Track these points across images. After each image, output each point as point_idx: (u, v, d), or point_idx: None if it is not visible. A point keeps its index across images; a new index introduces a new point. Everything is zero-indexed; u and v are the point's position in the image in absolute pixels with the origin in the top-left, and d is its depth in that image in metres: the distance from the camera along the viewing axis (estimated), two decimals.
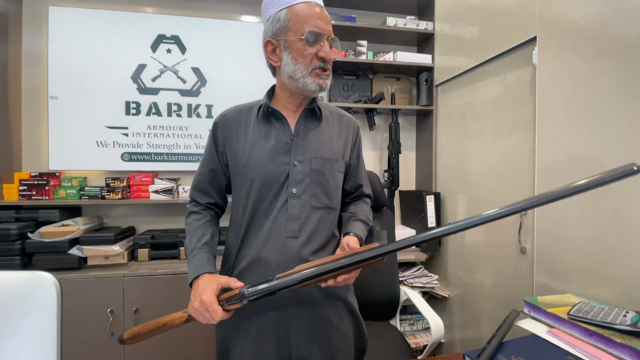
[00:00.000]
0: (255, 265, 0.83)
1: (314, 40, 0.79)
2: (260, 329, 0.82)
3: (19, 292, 0.25)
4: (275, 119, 0.86)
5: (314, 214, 0.84)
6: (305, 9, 0.79)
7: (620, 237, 0.97)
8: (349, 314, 0.91)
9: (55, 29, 1.86)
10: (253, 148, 0.84)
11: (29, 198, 1.78)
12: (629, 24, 0.94)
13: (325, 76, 0.82)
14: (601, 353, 0.77)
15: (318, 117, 0.88)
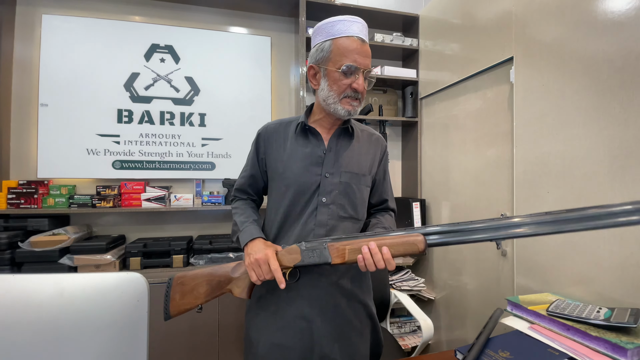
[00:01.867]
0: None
1: (350, 73, 0.85)
2: (286, 323, 0.88)
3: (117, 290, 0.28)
4: (311, 135, 0.93)
5: (340, 222, 0.90)
6: (347, 43, 0.85)
7: (591, 239, 1.05)
8: (367, 317, 0.96)
9: (48, 37, 1.84)
10: (290, 159, 0.92)
11: (17, 207, 1.72)
12: (596, 47, 1.04)
13: (356, 104, 0.89)
14: (578, 345, 0.83)
15: (350, 135, 0.95)
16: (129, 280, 0.30)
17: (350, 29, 0.86)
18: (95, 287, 0.30)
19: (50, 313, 0.27)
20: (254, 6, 2.09)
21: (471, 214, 1.67)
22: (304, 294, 0.89)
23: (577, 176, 1.09)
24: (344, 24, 0.87)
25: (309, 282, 0.89)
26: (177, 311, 0.87)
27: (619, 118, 0.97)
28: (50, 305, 0.27)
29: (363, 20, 0.90)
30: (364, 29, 0.89)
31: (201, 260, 1.82)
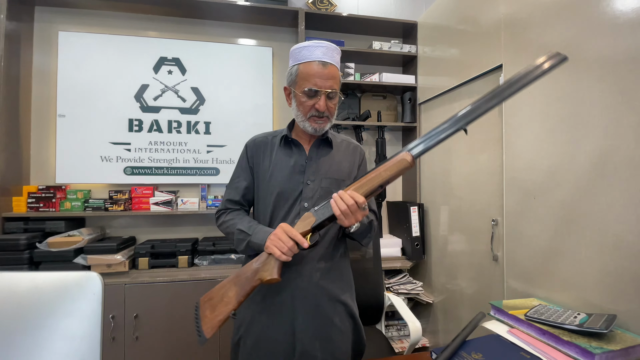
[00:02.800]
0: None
1: (312, 95, 0.92)
2: (270, 321, 0.93)
3: (76, 285, 0.34)
4: (294, 146, 1.01)
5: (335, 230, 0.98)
6: (309, 67, 0.92)
7: (573, 245, 1.05)
8: (348, 317, 1.00)
9: (64, 52, 1.96)
10: (275, 168, 0.99)
11: (37, 210, 1.85)
12: (580, 55, 1.05)
13: (321, 121, 0.95)
14: (551, 350, 0.85)
15: (329, 145, 1.03)
16: (85, 276, 0.36)
17: (313, 54, 0.92)
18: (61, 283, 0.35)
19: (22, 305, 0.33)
20: (256, 18, 2.16)
21: (467, 219, 1.68)
22: (286, 293, 0.94)
23: (561, 182, 1.10)
24: (308, 49, 0.93)
25: (291, 282, 0.94)
26: (211, 327, 0.82)
27: (599, 126, 0.98)
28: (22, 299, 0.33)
29: (330, 44, 0.95)
30: (328, 51, 0.93)
31: (205, 261, 1.90)
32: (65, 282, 0.33)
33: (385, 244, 2.14)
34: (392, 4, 2.42)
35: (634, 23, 0.90)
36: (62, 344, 0.32)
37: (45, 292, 0.33)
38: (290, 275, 0.94)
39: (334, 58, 0.95)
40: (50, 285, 0.33)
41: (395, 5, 2.43)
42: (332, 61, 0.94)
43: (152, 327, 1.68)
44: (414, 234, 2.05)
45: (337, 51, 0.97)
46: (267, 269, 0.86)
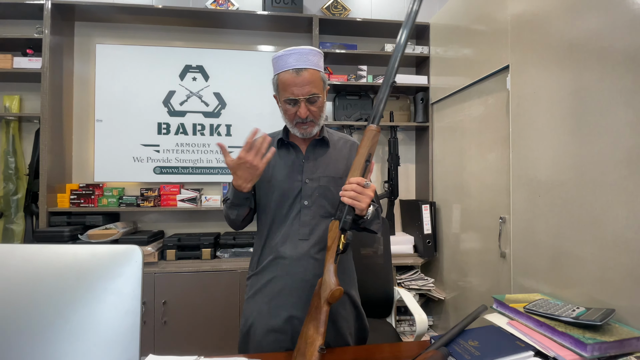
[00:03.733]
0: (275, 261, 1.00)
1: (292, 104, 0.95)
2: (276, 312, 0.98)
3: (124, 254, 0.43)
4: (291, 147, 1.04)
5: (321, 221, 1.00)
6: (285, 77, 0.94)
7: (577, 242, 1.06)
8: (351, 305, 1.05)
9: (101, 62, 2.14)
10: (275, 169, 1.02)
11: (78, 205, 2.03)
12: (583, 56, 1.06)
13: (307, 126, 0.97)
14: (546, 340, 0.87)
15: (326, 144, 1.05)
16: (129, 247, 0.44)
17: (287, 63, 0.93)
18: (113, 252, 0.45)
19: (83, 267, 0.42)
20: (273, 26, 2.26)
21: (477, 217, 1.70)
22: (293, 288, 0.98)
23: (564, 181, 1.11)
24: (282, 58, 0.94)
25: (297, 278, 0.98)
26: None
27: (602, 125, 0.99)
28: (83, 263, 0.42)
29: (303, 48, 0.95)
30: (302, 57, 0.93)
31: (226, 253, 2.01)
32: (117, 251, 0.43)
33: (397, 241, 2.18)
34: (405, 6, 2.45)
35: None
36: (113, 297, 0.41)
37: (101, 258, 0.42)
38: (297, 269, 0.98)
39: (309, 61, 0.94)
40: (105, 254, 0.42)
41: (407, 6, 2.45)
42: (308, 65, 0.94)
43: (178, 313, 1.81)
44: (426, 232, 2.08)
45: (314, 52, 0.96)
46: (325, 288, 0.85)
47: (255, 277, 1.03)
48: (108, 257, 0.42)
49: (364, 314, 1.09)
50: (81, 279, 0.40)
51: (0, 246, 0.44)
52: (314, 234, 0.99)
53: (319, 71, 0.97)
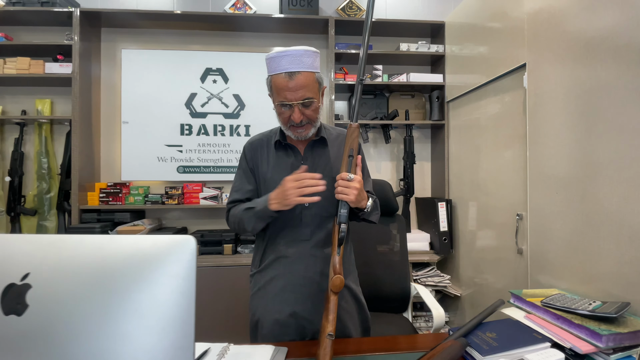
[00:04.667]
0: (278, 260, 1.04)
1: (286, 108, 0.94)
2: (281, 306, 1.02)
3: (180, 243, 0.49)
4: (289, 148, 1.04)
5: (323, 221, 1.02)
6: (278, 81, 0.92)
7: (594, 238, 1.09)
8: (352, 298, 1.08)
9: (127, 67, 2.25)
10: (274, 170, 1.02)
11: (107, 203, 2.15)
12: (599, 55, 1.08)
13: (302, 129, 0.96)
14: (563, 332, 0.91)
15: (324, 143, 1.05)
16: (184, 238, 0.51)
17: (279, 66, 0.91)
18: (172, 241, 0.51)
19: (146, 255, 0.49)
20: (290, 28, 2.32)
21: (493, 214, 1.72)
22: (295, 281, 1.00)
23: (581, 178, 1.14)
24: (275, 60, 0.92)
25: (299, 272, 1.01)
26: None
27: (615, 124, 1.01)
28: (146, 250, 0.49)
29: (297, 50, 0.91)
30: (295, 59, 0.91)
31: (246, 249, 2.10)
32: (175, 240, 0.49)
33: (413, 239, 2.21)
34: (420, 5, 2.47)
35: None
36: (172, 281, 0.47)
37: (161, 247, 0.49)
38: (298, 266, 1.01)
39: (303, 63, 0.91)
40: (164, 243, 0.49)
41: (423, 6, 2.47)
42: (301, 68, 0.91)
43: (201, 305, 1.90)
44: (442, 229, 2.11)
45: (308, 53, 0.93)
46: (329, 279, 0.88)
47: (259, 275, 1.06)
48: (167, 245, 0.49)
49: (365, 306, 1.11)
50: (144, 265, 0.47)
51: (73, 236, 0.52)
52: (315, 235, 1.01)
53: (313, 73, 0.94)
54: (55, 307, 0.45)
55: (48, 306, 0.45)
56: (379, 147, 2.45)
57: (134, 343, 0.45)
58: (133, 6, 2.35)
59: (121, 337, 0.46)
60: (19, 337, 0.45)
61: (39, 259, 0.47)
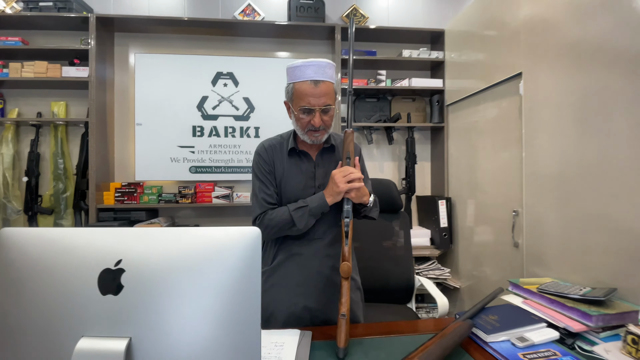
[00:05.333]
0: (292, 258, 1.11)
1: (307, 113, 1.00)
2: (293, 300, 1.09)
3: (248, 233, 0.58)
4: (303, 155, 1.10)
5: (335, 221, 1.09)
6: (303, 87, 0.98)
7: (584, 231, 1.20)
8: (357, 289, 1.18)
9: (140, 70, 2.31)
10: (288, 175, 1.08)
11: (122, 202, 2.22)
12: (589, 67, 1.18)
13: (318, 134, 1.03)
14: (557, 314, 1.01)
15: (332, 150, 1.12)
16: (250, 229, 0.59)
17: (305, 74, 0.98)
18: (240, 232, 0.60)
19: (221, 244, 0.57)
20: (298, 34, 2.40)
21: (490, 211, 1.83)
22: (306, 277, 1.08)
23: (572, 177, 1.24)
24: (300, 69, 0.99)
25: (310, 269, 1.08)
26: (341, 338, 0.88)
27: (605, 127, 1.12)
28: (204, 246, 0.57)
29: (321, 61, 0.99)
30: (320, 69, 0.98)
31: None
32: (243, 231, 0.57)
33: (415, 234, 2.32)
34: (421, 13, 2.57)
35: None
36: (241, 263, 0.56)
37: (231, 237, 0.57)
38: (313, 263, 1.08)
39: (326, 74, 0.99)
40: (234, 233, 0.57)
41: (424, 14, 2.57)
42: (325, 77, 0.99)
43: None
44: (442, 225, 2.21)
45: (330, 66, 1.01)
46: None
47: (272, 271, 1.10)
48: (237, 236, 0.57)
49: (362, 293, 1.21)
50: (217, 252, 0.55)
51: (155, 229, 0.60)
52: (327, 234, 1.09)
53: (332, 83, 1.02)
54: (146, 287, 0.54)
55: (139, 286, 0.54)
56: (382, 148, 2.55)
57: (210, 317, 0.54)
58: (145, 12, 2.41)
59: (201, 312, 0.54)
60: (116, 313, 0.53)
61: (128, 247, 0.55)
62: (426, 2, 2.58)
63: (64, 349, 0.52)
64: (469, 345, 0.94)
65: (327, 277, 1.10)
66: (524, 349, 0.89)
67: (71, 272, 0.54)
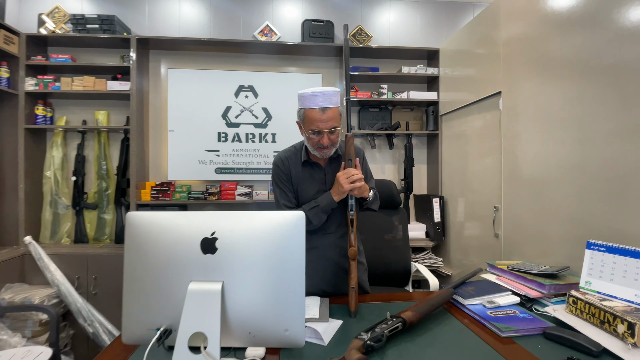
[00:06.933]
0: (310, 250, 1.26)
1: (316, 135, 1.16)
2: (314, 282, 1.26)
3: (296, 217, 0.83)
4: (314, 165, 1.28)
5: (343, 219, 1.29)
6: (312, 114, 1.14)
7: (547, 222, 1.45)
8: (365, 271, 1.42)
9: (172, 84, 2.58)
10: (303, 182, 1.26)
11: (157, 199, 2.48)
12: (555, 89, 1.43)
13: (326, 150, 1.19)
14: (520, 285, 1.26)
15: (339, 159, 1.28)
16: (296, 212, 0.85)
17: (314, 102, 1.13)
18: (291, 215, 0.85)
19: (278, 225, 0.83)
20: (310, 52, 2.66)
21: (476, 207, 2.08)
22: (324, 268, 1.27)
23: (540, 179, 1.49)
24: (310, 98, 1.14)
25: (326, 259, 1.27)
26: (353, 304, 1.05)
27: (561, 138, 1.37)
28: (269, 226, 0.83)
29: (328, 90, 1.13)
30: (327, 97, 1.13)
31: None
32: (294, 215, 0.81)
33: (412, 228, 2.57)
34: (419, 33, 2.83)
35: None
36: (291, 240, 0.79)
37: (287, 218, 0.80)
38: (327, 253, 1.29)
39: (332, 101, 1.14)
40: (288, 216, 0.80)
41: (421, 35, 2.83)
42: (331, 104, 1.14)
43: None
44: (436, 220, 2.47)
45: (335, 93, 1.15)
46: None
47: None
48: (290, 218, 0.81)
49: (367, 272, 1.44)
50: (277, 230, 0.78)
51: (235, 212, 0.83)
52: (338, 228, 1.30)
53: (337, 107, 1.17)
54: (231, 249, 0.79)
55: (227, 249, 0.79)
56: (383, 152, 2.81)
57: (271, 271, 0.79)
58: (176, 32, 2.67)
59: (266, 267, 0.80)
60: (213, 266, 0.79)
61: (219, 223, 0.81)
62: (423, 24, 2.84)
63: (180, 290, 0.77)
64: (450, 308, 1.19)
65: (338, 263, 1.33)
66: (492, 309, 1.14)
67: (182, 240, 0.80)
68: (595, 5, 1.20)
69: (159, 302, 0.79)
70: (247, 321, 0.79)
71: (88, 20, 2.43)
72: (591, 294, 1.04)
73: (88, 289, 2.21)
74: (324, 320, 1.04)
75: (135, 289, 0.81)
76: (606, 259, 1.04)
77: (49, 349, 1.58)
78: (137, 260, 0.82)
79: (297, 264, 0.81)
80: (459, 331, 1.00)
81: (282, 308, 0.79)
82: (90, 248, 2.36)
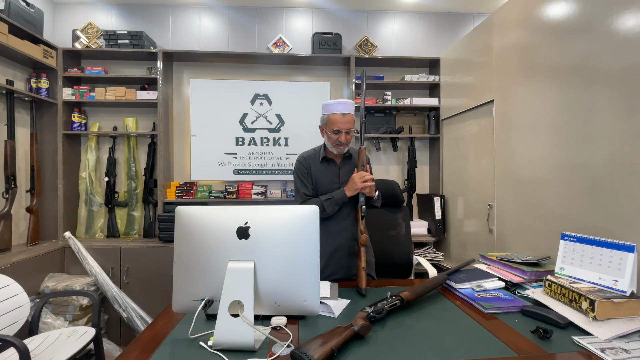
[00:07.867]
0: (326, 234, 1.50)
1: (337, 133, 1.44)
2: (327, 268, 1.50)
3: (312, 211, 1.02)
4: (331, 162, 1.53)
5: (354, 207, 1.49)
6: (334, 117, 1.43)
7: (532, 218, 1.60)
8: (372, 255, 1.61)
9: (194, 93, 2.80)
10: (321, 176, 1.50)
11: (181, 197, 2.70)
12: (544, 96, 1.59)
13: (342, 147, 1.46)
14: (506, 272, 1.42)
15: (350, 158, 1.54)
16: (311, 207, 1.04)
17: (336, 109, 1.43)
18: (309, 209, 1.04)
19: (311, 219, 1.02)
20: (319, 62, 2.84)
21: (473, 205, 2.23)
22: (337, 252, 1.48)
23: (528, 179, 1.65)
24: (333, 105, 1.44)
25: (339, 242, 1.47)
26: None
27: (546, 141, 1.52)
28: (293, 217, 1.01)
29: (347, 101, 1.44)
30: (346, 106, 1.44)
31: None
32: (310, 208, 1.00)
33: (415, 225, 2.73)
34: (421, 43, 2.98)
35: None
36: (307, 231, 0.98)
37: (306, 211, 1.00)
38: (341, 236, 1.48)
39: (349, 108, 1.44)
40: (305, 209, 1.01)
41: (424, 44, 2.98)
42: (348, 111, 1.44)
43: None
44: (437, 217, 2.62)
45: (351, 103, 1.46)
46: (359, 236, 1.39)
47: None
48: (307, 211, 1.00)
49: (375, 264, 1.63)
50: (297, 221, 0.97)
51: (263, 206, 0.99)
52: (351, 215, 1.50)
53: (353, 114, 1.47)
54: (261, 235, 0.97)
55: (258, 235, 0.97)
56: (388, 154, 2.97)
57: (292, 255, 0.98)
58: (197, 46, 2.89)
59: (288, 251, 0.98)
60: (247, 249, 0.97)
61: (251, 215, 0.99)
62: (425, 34, 2.99)
63: (221, 268, 0.96)
64: (444, 292, 1.35)
65: (350, 246, 1.53)
66: (479, 291, 1.30)
67: (221, 228, 0.99)
68: (580, 17, 1.34)
69: (203, 278, 0.98)
70: (273, 293, 0.97)
71: (119, 36, 2.65)
72: (564, 278, 1.20)
73: (121, 279, 2.43)
74: (334, 299, 1.22)
75: (183, 268, 1.00)
76: (577, 248, 1.20)
77: (92, 329, 1.77)
78: (185, 245, 1.00)
79: (312, 247, 0.98)
80: (449, 309, 1.17)
81: (300, 282, 0.96)
82: (122, 242, 2.58)
